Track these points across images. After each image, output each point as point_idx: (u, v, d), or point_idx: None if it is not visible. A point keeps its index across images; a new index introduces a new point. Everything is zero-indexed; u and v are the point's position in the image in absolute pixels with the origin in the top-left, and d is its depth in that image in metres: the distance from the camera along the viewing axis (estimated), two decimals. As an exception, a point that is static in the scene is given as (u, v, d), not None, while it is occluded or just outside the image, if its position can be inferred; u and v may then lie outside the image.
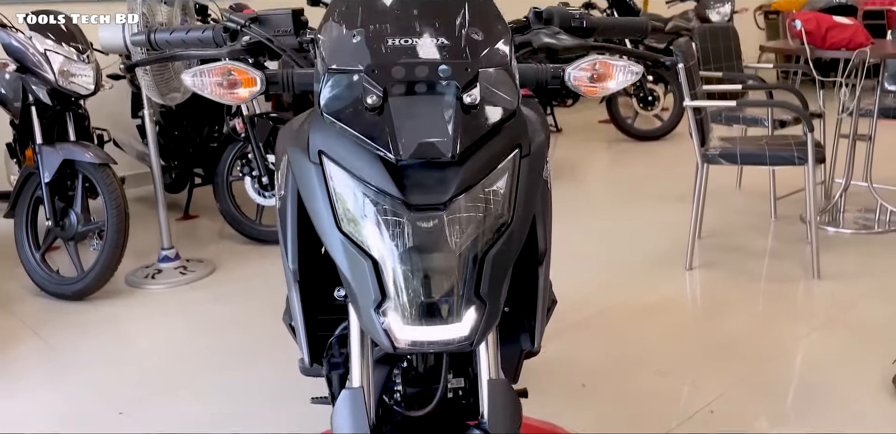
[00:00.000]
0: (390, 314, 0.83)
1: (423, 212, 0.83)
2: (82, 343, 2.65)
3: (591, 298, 2.80)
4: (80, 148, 2.97)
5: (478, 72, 0.87)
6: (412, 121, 0.83)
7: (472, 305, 0.84)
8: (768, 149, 2.91)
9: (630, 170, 5.06)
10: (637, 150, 5.51)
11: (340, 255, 0.86)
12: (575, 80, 0.97)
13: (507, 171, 0.88)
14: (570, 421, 1.98)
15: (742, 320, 2.61)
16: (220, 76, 0.94)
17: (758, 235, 3.52)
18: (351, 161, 0.86)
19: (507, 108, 0.89)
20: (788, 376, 2.23)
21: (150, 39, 1.15)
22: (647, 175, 4.68)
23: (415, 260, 0.82)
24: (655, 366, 2.28)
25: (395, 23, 0.92)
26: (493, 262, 0.85)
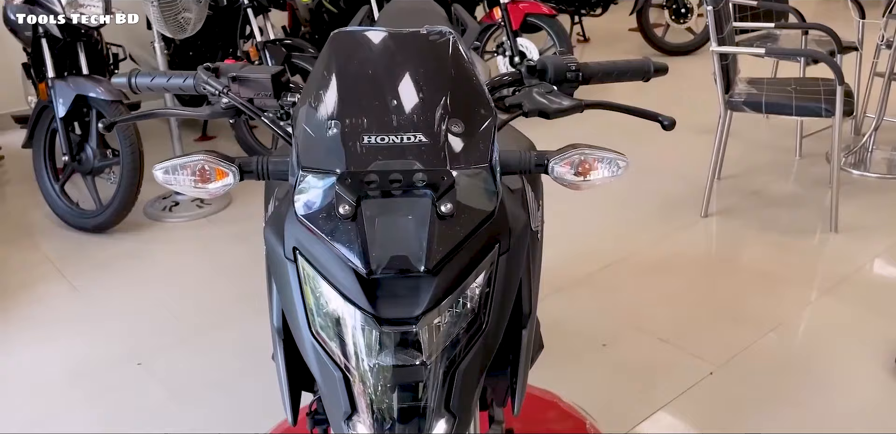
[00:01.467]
0: (359, 428, 0.85)
1: (394, 325, 0.83)
2: (105, 284, 2.74)
3: (598, 251, 2.82)
4: (92, 83, 2.93)
5: (454, 180, 0.84)
6: (385, 232, 0.82)
7: (442, 418, 0.86)
8: (795, 98, 2.80)
9: (652, 93, 4.89)
10: (666, 67, 5.30)
11: (312, 362, 0.87)
12: (559, 173, 0.93)
13: (484, 272, 0.87)
14: (566, 388, 2.04)
15: (750, 281, 2.61)
16: (192, 171, 0.92)
17: (779, 177, 3.46)
18: (324, 265, 0.85)
19: (486, 210, 0.86)
20: (791, 346, 2.25)
21: (131, 83, 1.11)
22: (671, 100, 4.52)
23: (384, 375, 0.83)
24: (656, 332, 2.32)
25: (372, 115, 0.87)
26: (464, 375, 0.86)
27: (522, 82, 1.10)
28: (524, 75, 1.10)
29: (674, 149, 3.77)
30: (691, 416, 1.96)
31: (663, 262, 2.74)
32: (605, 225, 3.06)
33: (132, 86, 1.12)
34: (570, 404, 2.01)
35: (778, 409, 1.98)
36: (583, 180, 0.93)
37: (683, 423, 1.94)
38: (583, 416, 1.96)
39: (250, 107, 1.05)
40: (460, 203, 0.84)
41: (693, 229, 3.00)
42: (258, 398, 2.06)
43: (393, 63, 0.93)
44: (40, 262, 2.92)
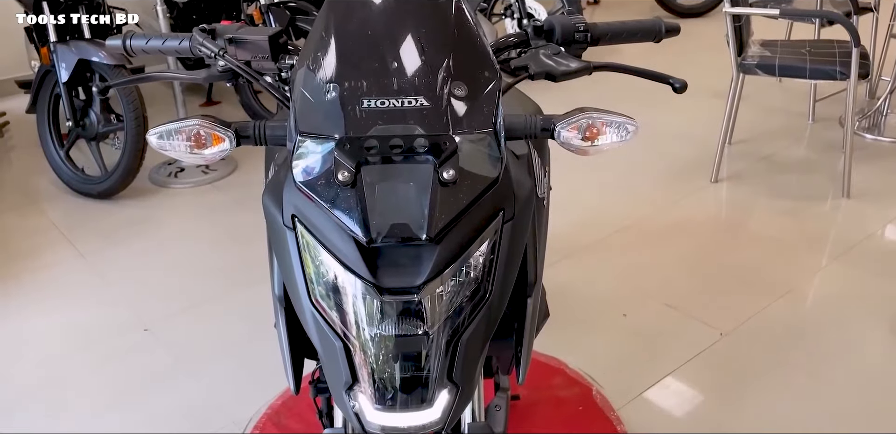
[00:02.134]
0: (360, 398, 0.84)
1: (395, 295, 0.80)
2: (111, 251, 2.73)
3: (608, 217, 2.79)
4: (94, 47, 2.88)
5: (456, 145, 0.81)
6: (385, 199, 0.79)
7: (445, 389, 0.84)
8: (809, 61, 2.73)
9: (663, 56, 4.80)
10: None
11: (312, 331, 0.86)
12: (565, 138, 0.89)
13: (488, 240, 0.85)
14: (573, 354, 2.04)
15: (761, 247, 2.58)
16: (187, 137, 0.89)
17: (792, 141, 3.40)
18: (323, 233, 0.83)
19: (489, 176, 0.83)
20: (800, 313, 2.23)
21: (126, 45, 1.08)
22: (683, 63, 4.44)
23: (385, 345, 0.81)
24: (664, 298, 2.30)
25: (372, 78, 0.84)
26: (467, 345, 0.84)
27: (529, 44, 1.06)
28: (531, 36, 1.06)
29: (685, 113, 3.71)
30: (697, 382, 1.96)
31: (673, 228, 2.71)
32: (615, 190, 3.03)
33: (127, 49, 1.08)
34: (577, 371, 2.01)
35: (786, 374, 1.97)
36: (590, 145, 0.90)
37: (689, 389, 1.94)
38: (589, 383, 1.96)
39: (247, 69, 1.02)
40: (463, 169, 0.81)
41: (703, 195, 2.96)
42: (263, 363, 2.06)
43: (393, 24, 0.90)
44: (46, 228, 2.92)
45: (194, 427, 1.85)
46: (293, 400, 1.93)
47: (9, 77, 4.17)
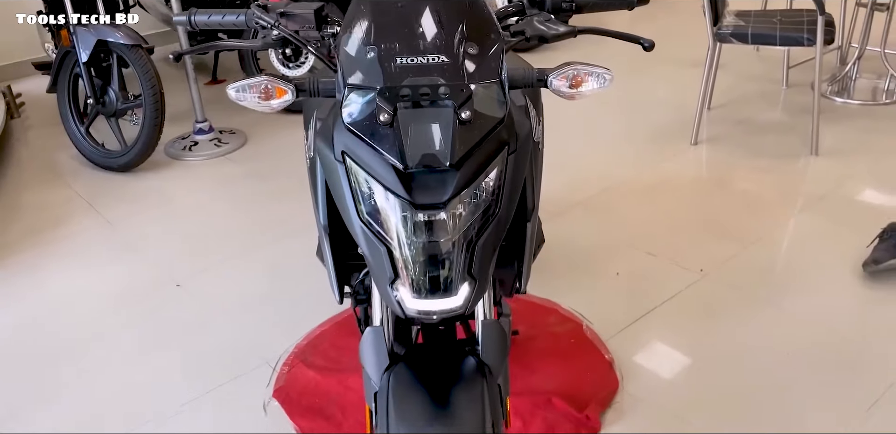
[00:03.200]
0: (401, 289, 1.06)
1: (426, 210, 1.03)
2: (136, 217, 2.95)
3: (596, 177, 3.02)
4: (112, 29, 3.08)
5: (471, 92, 1.03)
6: (417, 135, 1.01)
7: (465, 282, 1.06)
8: (780, 29, 2.95)
9: (647, 29, 5.02)
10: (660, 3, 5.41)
11: (361, 240, 1.08)
12: (556, 86, 1.12)
13: (497, 168, 1.07)
14: (566, 297, 2.28)
15: (735, 200, 2.83)
16: (258, 90, 1.10)
17: (766, 105, 3.63)
18: (368, 164, 1.05)
19: (497, 116, 1.06)
20: (769, 257, 2.48)
21: (191, 21, 1.29)
22: (664, 35, 4.65)
23: (420, 247, 1.03)
24: (647, 247, 2.54)
25: (404, 40, 1.06)
26: (482, 248, 1.07)
27: (525, 12, 1.27)
28: (526, 6, 1.27)
29: (666, 82, 3.94)
30: (675, 317, 2.20)
31: (655, 187, 2.94)
32: (602, 154, 3.25)
33: (191, 23, 1.30)
34: (569, 310, 2.25)
35: (757, 309, 2.21)
36: (576, 91, 1.12)
37: (668, 323, 2.18)
38: (580, 320, 2.20)
39: (297, 37, 1.23)
40: (477, 111, 1.03)
41: (683, 156, 3.19)
42: (289, 311, 2.29)
43: None
44: (73, 199, 3.13)
45: (231, 365, 2.09)
46: (317, 339, 2.17)
47: (23, 59, 4.36)
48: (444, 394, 1.11)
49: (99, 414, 1.95)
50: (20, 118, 4.01)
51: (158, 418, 1.92)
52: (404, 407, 1.10)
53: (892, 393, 1.88)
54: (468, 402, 1.10)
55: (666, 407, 1.87)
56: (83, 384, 2.07)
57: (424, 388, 1.12)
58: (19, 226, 2.94)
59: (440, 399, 1.11)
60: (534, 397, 1.90)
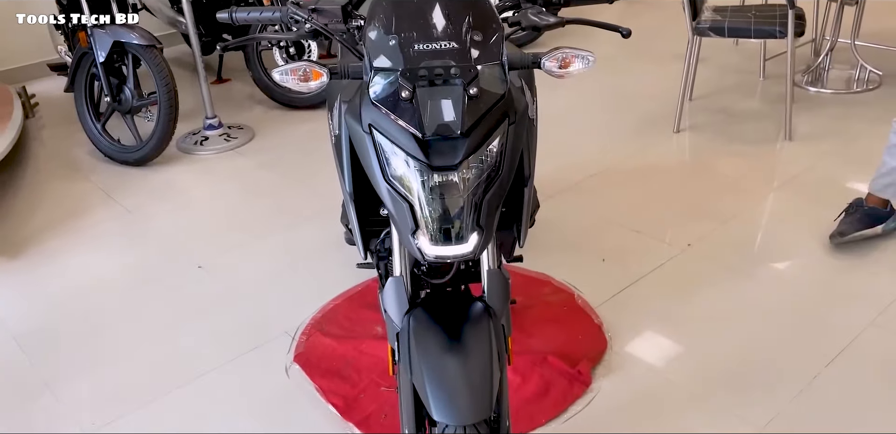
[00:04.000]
0: (421, 238, 1.26)
1: (441, 171, 1.23)
2: (154, 207, 3.15)
3: (585, 163, 3.23)
4: (127, 30, 3.27)
5: (477, 72, 1.23)
6: (433, 108, 1.21)
7: (475, 231, 1.26)
8: (754, 22, 3.17)
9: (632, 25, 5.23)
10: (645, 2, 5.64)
11: (387, 199, 1.28)
12: (548, 67, 1.32)
13: (499, 137, 1.27)
14: (558, 271, 2.48)
15: (715, 182, 3.04)
16: (298, 73, 1.31)
17: (744, 96, 3.85)
18: (392, 134, 1.25)
19: (499, 92, 1.26)
20: (745, 232, 2.69)
21: (232, 17, 1.49)
22: (652, 30, 4.87)
23: (436, 202, 1.24)
24: (631, 225, 2.75)
25: (420, 30, 1.26)
26: (488, 203, 1.27)
27: (520, 6, 1.47)
28: (521, 0, 1.48)
29: (651, 75, 4.15)
30: (658, 287, 2.41)
31: (639, 171, 3.16)
32: (591, 143, 3.46)
33: (233, 19, 1.50)
34: (561, 282, 2.45)
35: (733, 280, 2.42)
36: (565, 71, 1.33)
37: (651, 292, 2.39)
38: (571, 290, 2.40)
39: (328, 30, 1.43)
40: (482, 88, 1.23)
41: (666, 143, 3.41)
42: (305, 287, 2.49)
43: None
44: (92, 191, 3.32)
45: (253, 335, 2.28)
46: (331, 312, 2.37)
47: (36, 61, 4.54)
48: (457, 331, 1.32)
49: (132, 382, 2.15)
50: (35, 118, 4.19)
51: (189, 383, 2.12)
52: (423, 342, 1.30)
53: (850, 349, 2.09)
54: (477, 336, 1.30)
55: (648, 363, 2.08)
56: (116, 356, 2.26)
57: (440, 327, 1.33)
58: (40, 218, 3.12)
59: (453, 335, 1.31)
60: (532, 356, 2.10)
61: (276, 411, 2.00)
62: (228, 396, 2.06)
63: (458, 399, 1.23)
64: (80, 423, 2.01)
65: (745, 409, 1.90)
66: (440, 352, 1.28)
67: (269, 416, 1.98)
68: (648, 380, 2.03)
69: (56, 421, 2.03)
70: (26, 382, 2.18)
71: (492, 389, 1.24)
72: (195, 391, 2.09)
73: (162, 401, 2.07)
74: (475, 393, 1.23)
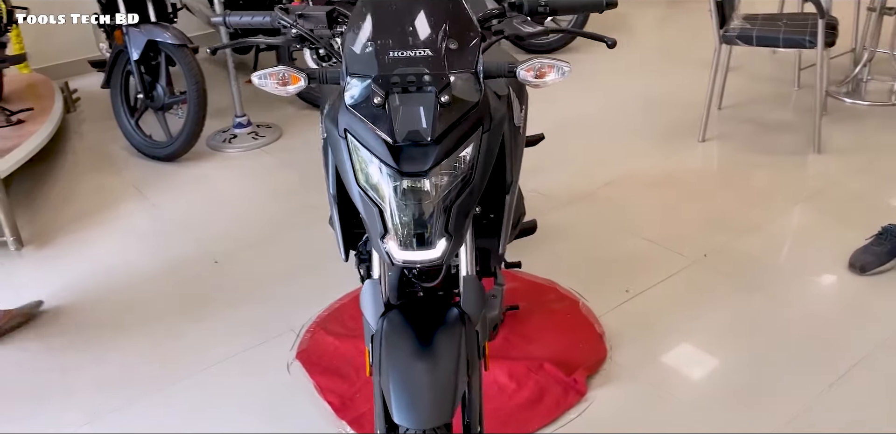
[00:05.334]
0: (390, 242, 1.28)
1: (411, 177, 1.24)
2: (180, 202, 3.22)
3: (603, 170, 3.21)
4: (160, 29, 3.35)
5: (449, 80, 1.24)
6: (404, 115, 1.23)
7: (443, 238, 1.27)
8: (784, 31, 3.11)
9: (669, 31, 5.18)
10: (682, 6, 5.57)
11: (359, 203, 1.30)
12: (523, 76, 1.32)
13: (472, 144, 1.28)
14: (565, 278, 2.48)
15: (737, 194, 2.99)
16: (277, 77, 1.33)
17: (776, 106, 3.78)
18: (365, 139, 1.27)
19: (471, 100, 1.27)
20: (763, 246, 2.64)
21: (225, 21, 1.53)
22: (686, 36, 4.82)
23: (406, 208, 1.25)
24: (644, 234, 2.72)
25: (396, 37, 1.28)
26: (457, 210, 1.28)
27: (505, 15, 1.48)
28: (507, 10, 1.48)
29: (681, 81, 4.10)
30: (665, 298, 2.38)
31: (659, 180, 3.12)
32: (613, 149, 3.44)
33: (226, 23, 1.53)
34: (567, 289, 2.44)
35: (744, 294, 2.38)
36: (541, 81, 1.33)
37: (658, 303, 2.36)
38: (576, 298, 2.40)
39: (311, 35, 1.45)
40: (455, 95, 1.25)
41: (690, 152, 3.37)
42: (314, 287, 2.53)
43: (409, 2, 1.33)
44: (123, 185, 3.41)
45: (260, 331, 2.33)
46: (336, 311, 2.40)
47: (79, 58, 4.68)
48: (429, 336, 1.33)
49: (140, 371, 2.22)
50: (76, 112, 4.32)
51: (195, 374, 2.17)
52: (394, 345, 1.32)
53: (856, 369, 2.04)
54: (448, 343, 1.32)
55: (647, 375, 2.07)
56: (128, 344, 2.33)
57: (413, 331, 1.34)
58: (73, 208, 3.23)
59: (425, 340, 1.33)
60: (529, 362, 2.11)
61: (275, 407, 2.03)
62: (231, 389, 2.11)
63: (419, 403, 1.24)
64: (85, 407, 2.08)
65: (743, 427, 1.88)
66: (409, 355, 1.30)
67: (268, 411, 2.02)
68: (645, 392, 2.01)
69: (64, 404, 2.10)
70: (41, 365, 2.27)
71: (455, 395, 1.25)
72: (200, 382, 2.14)
73: (168, 390, 2.12)
74: (437, 397, 1.24)
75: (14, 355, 2.32)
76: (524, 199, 2.16)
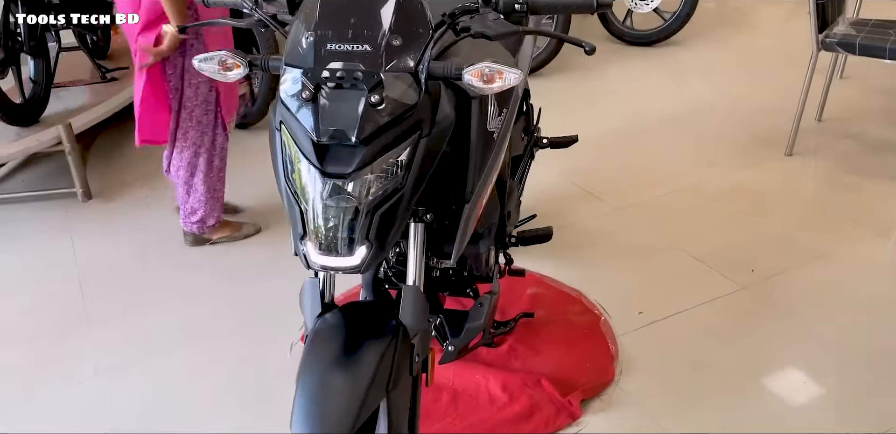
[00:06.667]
0: (308, 244, 1.21)
1: (333, 178, 1.17)
2: (241, 169, 3.23)
3: (668, 174, 3.01)
4: None
5: (381, 78, 1.15)
6: (330, 112, 1.15)
7: (363, 245, 1.19)
8: (892, 41, 2.79)
9: (785, 31, 4.78)
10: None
11: (284, 199, 1.24)
12: (467, 80, 1.21)
13: (408, 149, 1.19)
14: (594, 288, 2.34)
15: (812, 217, 2.72)
16: (217, 62, 1.28)
17: (886, 122, 3.42)
18: (295, 133, 1.20)
19: (408, 103, 1.18)
20: (825, 277, 2.38)
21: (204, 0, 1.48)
22: (797, 37, 4.42)
23: (324, 210, 1.18)
24: (694, 251, 2.52)
25: (337, 29, 1.19)
26: (381, 216, 1.19)
27: (478, 11, 1.35)
28: (480, 5, 1.36)
29: (781, 88, 3.77)
30: (699, 325, 2.19)
31: (729, 193, 2.89)
32: (686, 154, 3.22)
33: (205, 3, 1.48)
34: (593, 302, 2.31)
35: (789, 331, 2.16)
36: (487, 87, 1.21)
37: (689, 329, 2.18)
38: (600, 313, 2.26)
39: (268, 20, 1.37)
40: (388, 96, 1.16)
41: (772, 165, 3.09)
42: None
43: None
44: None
45: (277, 311, 2.33)
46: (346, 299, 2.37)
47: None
48: (357, 344, 1.26)
49: (155, 333, 2.28)
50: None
51: (204, 343, 2.21)
52: (318, 349, 1.26)
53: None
54: (372, 353, 1.24)
55: (650, 407, 1.92)
56: (152, 307, 2.41)
57: (344, 336, 1.28)
58: (146, 168, 3.33)
59: (352, 347, 1.26)
60: (525, 376, 2.00)
61: (269, 385, 2.04)
62: (234, 362, 2.13)
63: (318, 410, 1.18)
64: (96, 362, 2.17)
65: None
66: (328, 361, 1.24)
67: (262, 388, 2.03)
68: (642, 425, 1.87)
69: (78, 357, 2.19)
70: (70, 316, 2.38)
71: (360, 409, 1.18)
72: (206, 350, 2.19)
73: (174, 354, 2.19)
74: (339, 409, 1.17)
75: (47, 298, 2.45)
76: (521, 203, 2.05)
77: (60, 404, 2.03)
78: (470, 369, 2.04)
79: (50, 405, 2.03)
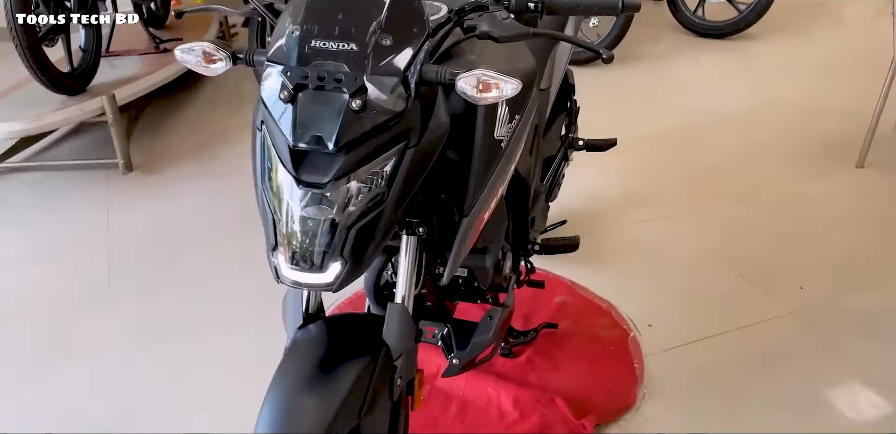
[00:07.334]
0: (279, 258, 1.12)
1: (308, 187, 1.07)
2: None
3: (723, 181, 2.84)
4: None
5: (364, 82, 1.03)
6: (309, 116, 1.04)
7: (338, 261, 1.08)
8: None
9: (873, 29, 4.44)
10: None
11: (259, 205, 1.15)
12: (461, 87, 1.08)
13: (392, 159, 1.08)
14: (628, 299, 2.20)
15: (880, 238, 2.51)
16: (200, 55, 1.18)
17: (975, 136, 3.14)
18: (274, 135, 1.10)
19: (394, 110, 1.05)
20: (886, 307, 2.19)
21: None
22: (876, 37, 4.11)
23: (297, 223, 1.08)
24: (742, 269, 2.35)
25: (322, 24, 1.08)
26: (357, 232, 1.08)
27: (487, 8, 1.22)
28: (490, 3, 1.22)
29: (861, 92, 3.48)
30: (733, 350, 2.03)
31: (790, 206, 2.69)
32: (745, 157, 3.02)
33: None
34: (624, 317, 2.16)
35: (835, 365, 1.98)
36: (481, 96, 1.08)
37: (721, 355, 2.02)
38: (629, 329, 2.11)
39: (263, 10, 1.27)
40: (371, 101, 1.04)
41: (840, 177, 2.87)
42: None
43: None
44: (242, 125, 3.45)
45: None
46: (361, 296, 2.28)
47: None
48: (334, 362, 1.16)
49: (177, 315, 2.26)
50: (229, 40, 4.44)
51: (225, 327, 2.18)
52: (291, 365, 1.17)
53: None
54: (348, 374, 1.14)
55: (668, 436, 1.78)
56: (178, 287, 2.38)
57: (323, 352, 1.18)
58: (189, 143, 3.32)
59: (329, 364, 1.16)
60: (540, 393, 1.89)
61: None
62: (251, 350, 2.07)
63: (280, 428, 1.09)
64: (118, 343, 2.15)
65: None
66: (298, 378, 1.14)
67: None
68: (657, 456, 1.74)
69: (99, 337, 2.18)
70: (93, 297, 2.36)
71: (327, 431, 1.08)
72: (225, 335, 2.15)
73: (195, 336, 2.16)
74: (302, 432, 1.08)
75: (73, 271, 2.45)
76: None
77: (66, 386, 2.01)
78: (482, 380, 1.94)
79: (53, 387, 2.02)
